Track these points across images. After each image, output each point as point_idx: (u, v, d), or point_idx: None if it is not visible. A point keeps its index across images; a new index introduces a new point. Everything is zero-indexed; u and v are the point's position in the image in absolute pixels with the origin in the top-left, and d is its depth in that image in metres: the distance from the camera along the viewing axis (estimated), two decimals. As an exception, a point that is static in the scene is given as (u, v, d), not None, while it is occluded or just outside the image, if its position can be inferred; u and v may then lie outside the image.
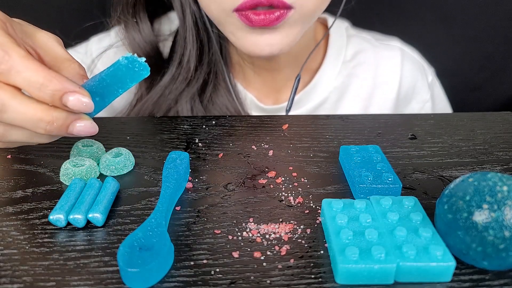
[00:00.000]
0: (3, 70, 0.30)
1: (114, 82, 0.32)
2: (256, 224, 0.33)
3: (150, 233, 0.29)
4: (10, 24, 0.33)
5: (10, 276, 0.28)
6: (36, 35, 0.35)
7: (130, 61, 0.32)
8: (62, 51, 0.35)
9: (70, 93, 0.30)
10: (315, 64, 0.63)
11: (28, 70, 0.29)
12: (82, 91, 0.31)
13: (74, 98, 0.30)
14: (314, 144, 0.45)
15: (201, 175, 0.39)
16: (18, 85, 0.30)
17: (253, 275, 0.28)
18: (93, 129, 0.32)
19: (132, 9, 0.58)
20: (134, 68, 0.32)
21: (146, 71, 0.32)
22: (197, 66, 0.58)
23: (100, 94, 0.33)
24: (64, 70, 0.34)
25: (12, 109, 0.30)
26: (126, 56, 0.32)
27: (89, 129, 0.32)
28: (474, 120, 0.50)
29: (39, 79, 0.29)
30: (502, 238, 0.26)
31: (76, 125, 0.32)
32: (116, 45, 0.60)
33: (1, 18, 0.32)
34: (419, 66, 0.68)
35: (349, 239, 0.29)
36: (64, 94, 0.30)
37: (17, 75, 0.30)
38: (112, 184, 0.36)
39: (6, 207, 0.34)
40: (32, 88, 0.30)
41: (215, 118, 0.51)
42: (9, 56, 0.29)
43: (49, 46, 0.35)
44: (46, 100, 0.30)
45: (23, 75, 0.30)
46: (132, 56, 0.32)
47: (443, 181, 0.39)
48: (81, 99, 0.30)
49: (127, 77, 0.32)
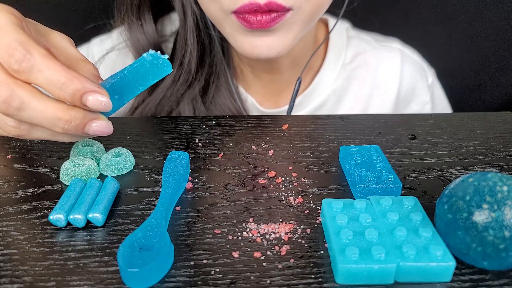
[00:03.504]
0: (24, 68, 0.30)
1: (136, 79, 0.32)
2: (256, 224, 0.33)
3: (150, 233, 0.29)
4: (25, 23, 0.33)
5: (10, 276, 0.28)
6: (50, 35, 0.35)
7: (154, 58, 0.32)
8: (75, 51, 0.36)
9: (89, 93, 0.30)
10: (315, 66, 0.63)
11: (49, 69, 0.30)
12: (102, 91, 0.31)
13: (93, 97, 0.31)
14: (314, 144, 0.45)
15: (201, 175, 0.39)
16: (38, 84, 0.30)
17: (253, 275, 0.28)
18: (108, 129, 0.33)
19: (137, 10, 0.57)
20: (158, 64, 0.32)
21: (169, 68, 0.32)
22: (198, 68, 0.58)
23: (119, 92, 0.33)
24: (80, 70, 0.34)
25: (31, 108, 0.30)
26: (150, 53, 0.32)
27: (104, 129, 0.33)
28: (474, 120, 0.50)
29: (61, 79, 0.30)
30: (502, 238, 0.26)
31: (92, 125, 0.32)
32: (118, 47, 0.60)
33: (18, 17, 0.32)
34: (419, 67, 0.67)
35: (349, 239, 0.29)
36: (84, 93, 0.30)
37: (39, 73, 0.30)
38: (112, 184, 0.36)
39: (6, 207, 0.34)
40: (53, 87, 0.30)
41: (215, 118, 0.51)
42: (31, 55, 0.30)
43: (63, 46, 0.35)
44: (66, 99, 0.31)
45: (45, 74, 0.30)
46: (155, 53, 0.32)
47: (443, 181, 0.39)
48: (100, 98, 0.31)
49: (150, 73, 0.32)
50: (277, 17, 0.45)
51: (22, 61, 0.29)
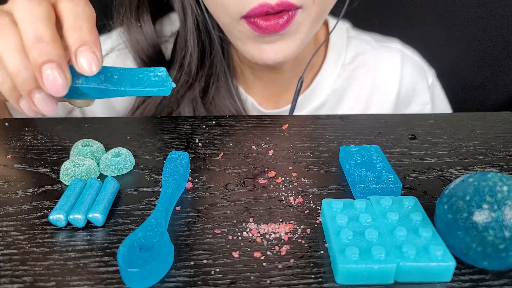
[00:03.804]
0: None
1: (133, 79, 0.32)
2: (256, 224, 0.33)
3: (150, 233, 0.29)
4: None
5: (10, 276, 0.28)
6: None
7: (164, 75, 0.32)
8: None
9: (88, 45, 0.29)
10: (315, 66, 0.63)
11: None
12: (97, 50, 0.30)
13: (88, 49, 0.29)
14: (314, 144, 0.45)
15: (201, 175, 0.39)
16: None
17: (253, 275, 0.28)
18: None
19: (136, 11, 0.57)
20: (162, 83, 0.32)
21: (167, 92, 0.32)
22: (198, 69, 0.57)
23: (108, 77, 0.32)
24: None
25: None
26: (163, 69, 0.32)
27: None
28: (474, 120, 0.50)
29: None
30: (502, 238, 0.26)
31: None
32: (117, 47, 0.60)
33: None
34: (419, 68, 0.67)
35: (349, 239, 0.29)
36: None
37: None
38: (112, 184, 0.36)
39: (6, 207, 0.34)
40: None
41: (215, 118, 0.51)
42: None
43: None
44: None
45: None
46: (167, 73, 0.32)
47: (443, 181, 0.39)
48: (93, 54, 0.29)
49: (148, 82, 0.32)
50: (289, 18, 0.45)
51: None
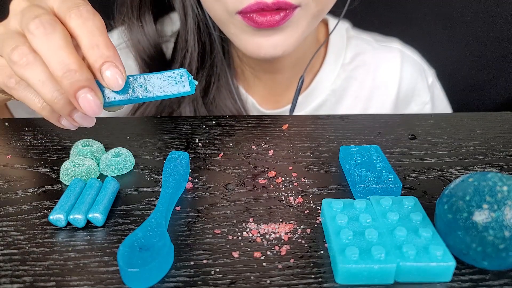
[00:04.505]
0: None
1: (159, 83, 0.32)
2: (256, 224, 0.33)
3: (150, 233, 0.29)
4: None
5: (10, 276, 0.28)
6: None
7: (186, 75, 0.32)
8: None
9: (110, 63, 0.29)
10: (315, 66, 0.63)
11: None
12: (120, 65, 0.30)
13: (112, 66, 0.29)
14: (314, 144, 0.45)
15: (201, 175, 0.39)
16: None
17: (253, 275, 0.28)
18: (96, 107, 0.30)
19: (137, 11, 0.57)
20: (183, 82, 0.32)
21: (192, 91, 0.32)
22: (199, 69, 0.57)
23: (135, 88, 0.32)
24: None
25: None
26: (185, 69, 0.32)
27: (93, 105, 0.29)
28: (474, 120, 0.50)
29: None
30: (502, 238, 0.26)
31: (87, 95, 0.29)
32: (119, 47, 0.60)
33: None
34: (419, 68, 0.67)
35: (349, 239, 0.29)
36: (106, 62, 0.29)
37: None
38: (112, 184, 0.36)
39: (6, 207, 0.34)
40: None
41: (215, 118, 0.51)
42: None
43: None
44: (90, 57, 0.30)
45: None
46: (190, 76, 0.32)
47: (443, 181, 0.39)
48: (117, 69, 0.29)
49: (172, 85, 0.32)
50: (286, 15, 0.45)
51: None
